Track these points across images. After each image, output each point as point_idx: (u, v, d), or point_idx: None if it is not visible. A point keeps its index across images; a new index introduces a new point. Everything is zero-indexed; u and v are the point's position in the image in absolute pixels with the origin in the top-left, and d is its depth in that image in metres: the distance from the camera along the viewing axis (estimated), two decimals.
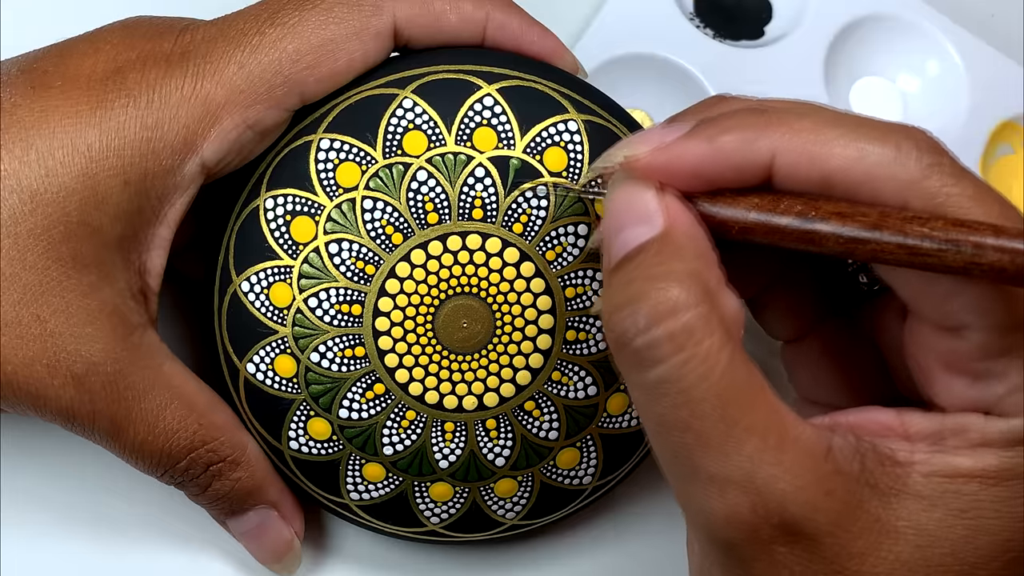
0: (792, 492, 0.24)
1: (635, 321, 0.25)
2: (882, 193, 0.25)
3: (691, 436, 0.24)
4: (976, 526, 0.25)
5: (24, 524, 0.36)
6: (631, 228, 0.26)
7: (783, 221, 0.26)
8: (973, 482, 0.25)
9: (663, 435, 0.25)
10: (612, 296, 0.26)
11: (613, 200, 0.27)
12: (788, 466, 0.24)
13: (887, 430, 0.26)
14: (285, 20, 0.30)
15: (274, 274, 0.32)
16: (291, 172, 0.32)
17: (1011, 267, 0.23)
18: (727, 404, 0.24)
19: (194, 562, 0.37)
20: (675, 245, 0.26)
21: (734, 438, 0.24)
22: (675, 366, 0.24)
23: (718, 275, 0.26)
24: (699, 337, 0.24)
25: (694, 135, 0.26)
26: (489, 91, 0.32)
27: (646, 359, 0.25)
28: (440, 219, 0.31)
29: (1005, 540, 0.25)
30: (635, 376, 0.25)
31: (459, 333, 0.32)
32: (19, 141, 0.29)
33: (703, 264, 0.25)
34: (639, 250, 0.26)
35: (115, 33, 0.31)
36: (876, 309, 0.31)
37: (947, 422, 0.26)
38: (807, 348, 0.32)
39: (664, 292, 0.24)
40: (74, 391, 0.29)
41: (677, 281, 0.25)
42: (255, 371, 0.32)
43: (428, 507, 0.33)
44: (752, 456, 0.24)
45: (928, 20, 0.43)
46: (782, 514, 0.24)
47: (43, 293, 0.29)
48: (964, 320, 0.25)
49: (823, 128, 0.26)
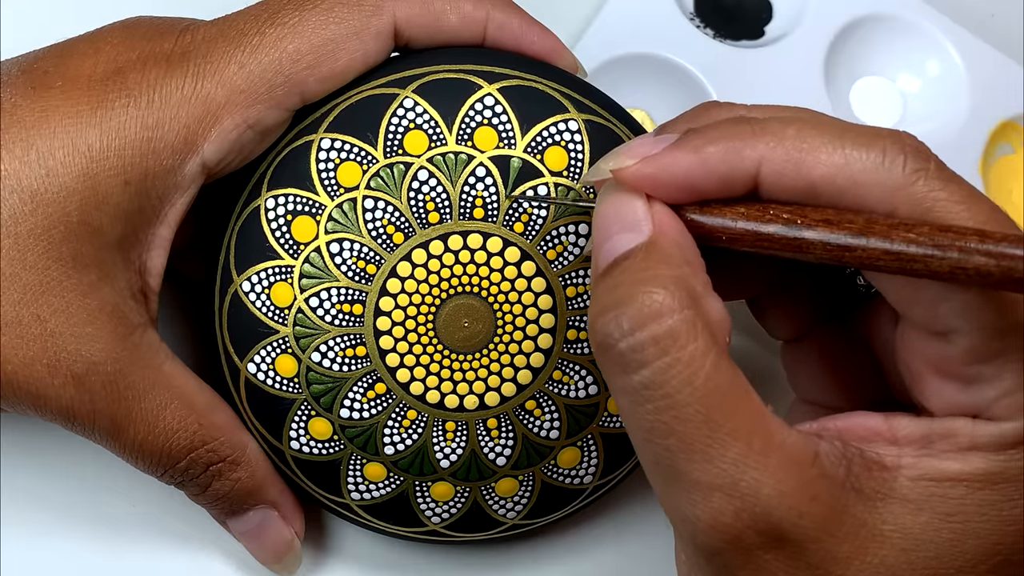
0: (776, 497, 0.24)
1: (619, 324, 0.25)
2: (868, 199, 0.25)
3: (674, 441, 0.24)
4: (963, 530, 0.25)
5: (24, 523, 0.36)
6: (619, 235, 0.26)
7: (770, 229, 0.26)
8: (960, 486, 0.25)
9: (647, 440, 0.25)
10: (598, 300, 0.26)
11: (601, 209, 0.27)
12: (773, 471, 0.24)
13: (875, 435, 0.26)
14: (285, 20, 0.30)
15: (275, 274, 0.32)
16: (292, 172, 0.32)
17: (997, 272, 0.23)
18: (711, 409, 0.24)
19: (194, 562, 0.36)
20: (662, 252, 0.26)
21: (718, 443, 0.24)
22: (659, 370, 0.24)
23: (704, 281, 0.26)
24: (683, 342, 0.24)
25: (680, 146, 0.27)
26: (490, 91, 0.32)
27: (630, 363, 0.25)
28: (441, 218, 0.31)
29: (992, 544, 0.25)
30: (619, 380, 0.25)
31: (460, 332, 0.32)
32: (19, 141, 0.29)
33: (689, 270, 0.25)
34: (626, 256, 0.26)
35: (115, 33, 0.31)
36: (870, 313, 0.31)
37: (935, 426, 0.26)
38: (806, 349, 0.32)
39: (649, 296, 0.24)
40: (74, 391, 0.29)
41: (662, 286, 0.25)
42: (256, 371, 0.32)
43: (429, 507, 0.33)
44: (736, 461, 0.24)
45: (928, 20, 0.43)
46: (767, 520, 0.24)
47: (43, 293, 0.29)
48: (953, 324, 0.25)
49: (808, 136, 0.26)
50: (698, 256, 0.26)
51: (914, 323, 0.26)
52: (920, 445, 0.26)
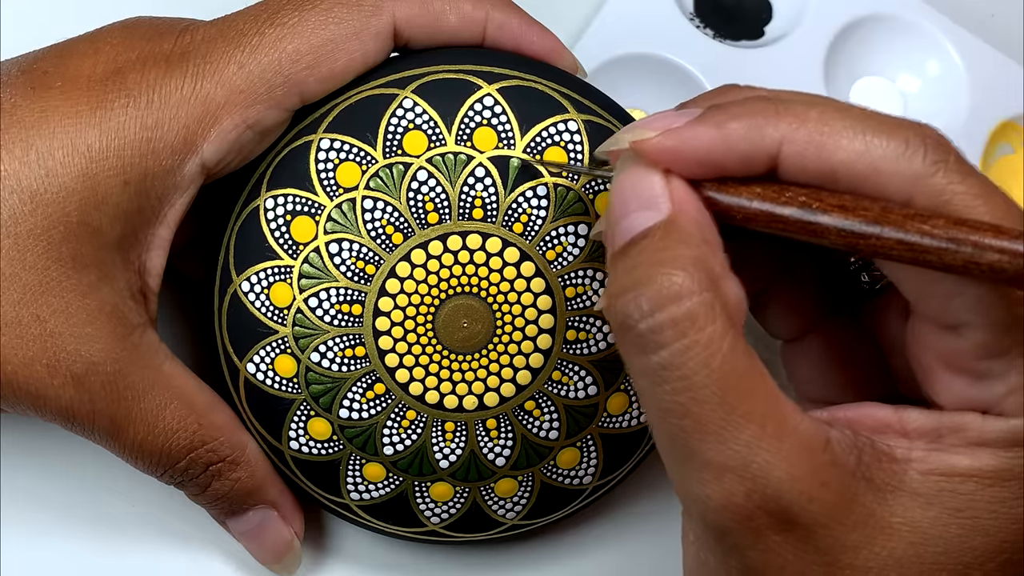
0: (788, 481, 0.24)
1: (639, 305, 0.25)
2: (887, 188, 0.25)
3: (690, 422, 0.24)
4: (972, 526, 0.25)
5: (24, 523, 0.36)
6: (637, 213, 0.26)
7: (786, 211, 0.26)
8: (970, 481, 0.25)
9: (663, 420, 0.25)
10: (617, 280, 0.26)
11: (619, 184, 0.27)
12: (785, 455, 0.24)
13: (885, 427, 0.26)
14: (285, 20, 0.30)
15: (274, 274, 0.32)
16: (291, 172, 0.32)
17: (1010, 268, 0.23)
18: (727, 391, 0.24)
19: (194, 562, 0.37)
20: (681, 231, 0.25)
21: (732, 424, 0.24)
22: (677, 352, 0.24)
23: (722, 262, 0.26)
24: (702, 324, 0.24)
25: (703, 120, 0.26)
26: (489, 91, 0.32)
27: (649, 344, 0.25)
28: (440, 219, 0.31)
29: (1000, 541, 0.25)
30: (637, 360, 0.25)
31: (459, 333, 0.32)
32: (19, 141, 0.29)
33: (708, 250, 0.25)
34: (644, 235, 0.26)
35: (115, 34, 0.31)
36: (878, 308, 0.31)
37: (945, 420, 0.26)
38: (808, 347, 0.32)
39: (668, 278, 0.24)
40: (74, 391, 0.29)
41: (682, 267, 0.25)
42: (255, 371, 0.32)
43: (428, 507, 0.33)
44: (749, 443, 0.24)
45: (928, 20, 0.43)
46: (777, 502, 0.24)
47: (43, 293, 0.29)
48: (964, 319, 0.25)
49: (831, 119, 0.26)
50: (716, 235, 0.26)
51: (926, 316, 0.26)
52: (930, 439, 0.26)
